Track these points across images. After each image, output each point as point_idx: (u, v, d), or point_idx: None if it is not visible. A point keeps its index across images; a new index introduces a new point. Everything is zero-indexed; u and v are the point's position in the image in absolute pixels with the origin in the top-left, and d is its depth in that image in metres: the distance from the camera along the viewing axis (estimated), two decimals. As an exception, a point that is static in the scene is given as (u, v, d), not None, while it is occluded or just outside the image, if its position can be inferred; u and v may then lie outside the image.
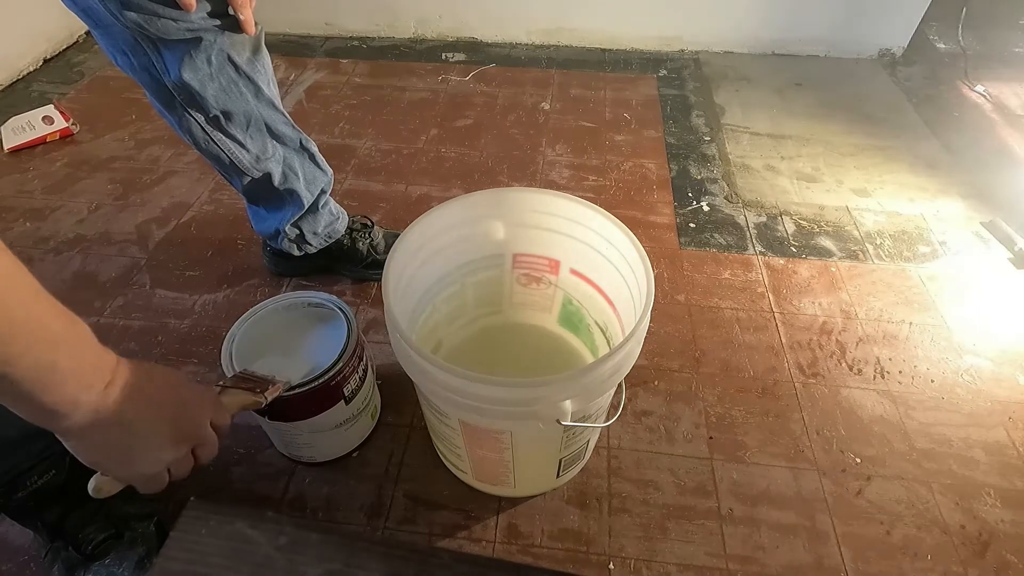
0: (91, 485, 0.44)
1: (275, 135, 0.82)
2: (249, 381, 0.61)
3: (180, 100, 0.72)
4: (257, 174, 0.83)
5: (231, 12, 0.67)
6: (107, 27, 0.65)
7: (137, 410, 0.39)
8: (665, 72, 1.68)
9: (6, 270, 0.32)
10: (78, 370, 0.35)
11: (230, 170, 0.82)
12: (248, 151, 0.80)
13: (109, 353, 0.38)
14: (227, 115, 0.75)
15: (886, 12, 1.63)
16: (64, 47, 1.71)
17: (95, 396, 0.36)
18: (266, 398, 0.60)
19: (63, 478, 0.64)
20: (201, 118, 0.74)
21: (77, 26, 1.76)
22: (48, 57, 1.66)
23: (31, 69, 1.62)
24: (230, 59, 0.71)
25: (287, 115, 0.83)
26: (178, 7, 0.63)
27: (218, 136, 0.77)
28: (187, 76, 0.69)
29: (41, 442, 0.61)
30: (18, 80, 1.57)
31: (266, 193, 0.87)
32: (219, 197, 1.21)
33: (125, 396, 0.38)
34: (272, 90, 0.79)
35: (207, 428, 0.47)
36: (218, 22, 0.67)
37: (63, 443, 0.39)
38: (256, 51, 0.75)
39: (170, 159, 1.31)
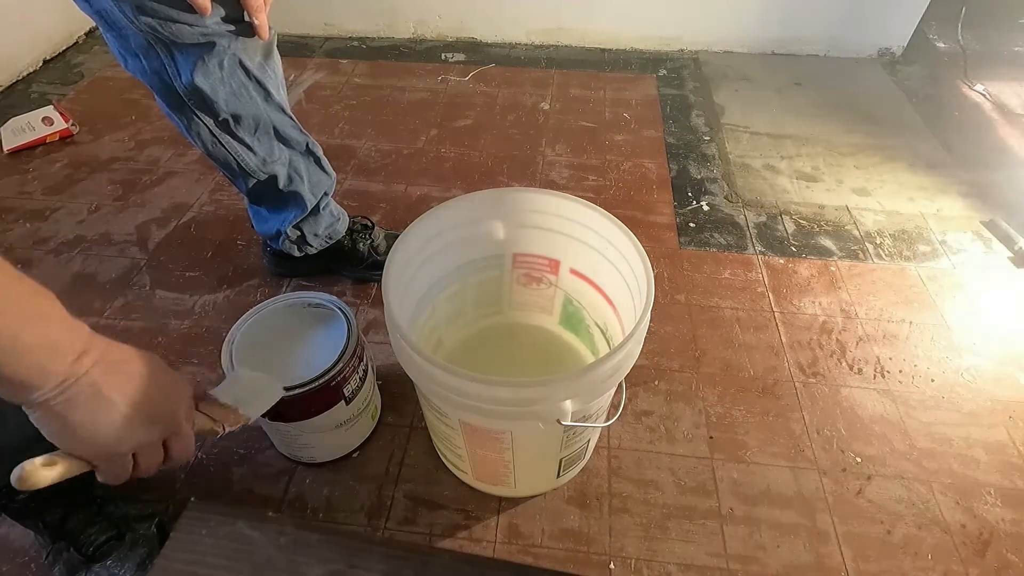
0: (15, 474, 0.39)
1: (282, 139, 0.82)
2: (213, 407, 0.55)
3: (190, 104, 0.72)
4: (263, 176, 0.83)
5: (246, 18, 0.68)
6: (120, 30, 0.65)
7: (109, 382, 0.38)
8: (665, 72, 1.68)
9: None
10: (43, 342, 0.35)
11: (236, 172, 0.82)
12: (255, 154, 0.80)
13: (81, 327, 0.37)
14: (236, 119, 0.75)
15: (886, 11, 1.63)
16: (64, 48, 1.71)
17: (64, 366, 0.36)
18: (223, 428, 0.54)
19: (66, 483, 0.64)
20: (210, 121, 0.74)
21: (77, 27, 1.76)
22: (48, 58, 1.66)
23: (31, 70, 1.62)
24: (241, 63, 0.72)
25: (295, 118, 0.83)
26: (193, 11, 0.63)
27: (226, 139, 0.77)
28: (199, 80, 0.69)
29: (44, 446, 0.61)
30: (18, 81, 1.57)
31: (270, 195, 0.88)
32: (219, 198, 1.21)
33: (98, 367, 0.37)
34: (281, 94, 0.80)
35: (182, 420, 0.45)
36: (232, 27, 0.67)
37: (29, 416, 0.37)
38: (268, 55, 0.75)
39: (170, 160, 1.31)
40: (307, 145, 0.86)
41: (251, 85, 0.74)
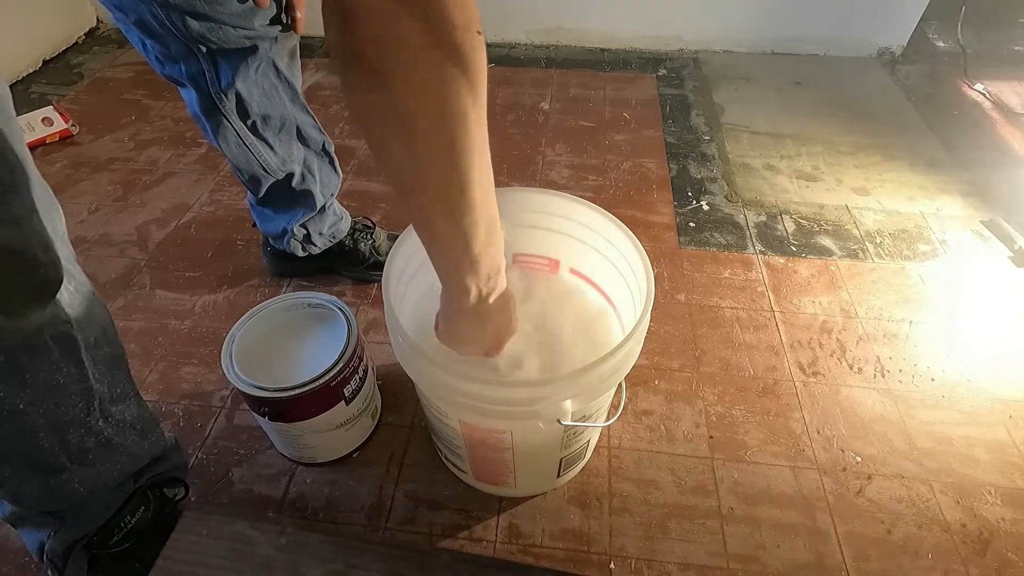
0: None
1: (302, 137, 0.84)
2: None
3: (224, 107, 0.73)
4: (281, 175, 0.84)
5: (284, 18, 0.70)
6: (161, 37, 0.66)
7: (481, 323, 0.53)
8: (664, 71, 1.68)
9: (492, 192, 0.43)
10: (500, 245, 0.48)
11: (255, 175, 0.83)
12: (276, 154, 0.81)
13: (502, 276, 0.50)
14: (265, 119, 0.77)
15: (885, 11, 1.63)
16: (63, 48, 1.71)
17: (474, 297, 0.49)
18: None
19: (151, 514, 0.64)
20: (240, 124, 0.76)
21: (76, 28, 1.76)
22: (47, 59, 1.66)
23: (30, 71, 1.62)
24: (274, 64, 0.74)
25: (315, 118, 0.85)
26: (240, 15, 0.65)
27: (251, 140, 0.78)
28: (239, 84, 0.71)
29: (129, 485, 0.62)
30: (18, 82, 1.57)
31: (280, 194, 0.88)
32: (219, 198, 1.21)
33: (484, 311, 0.51)
34: (303, 93, 0.82)
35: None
36: (274, 28, 0.70)
37: (450, 312, 0.53)
38: (292, 55, 0.77)
39: (169, 160, 1.31)
40: (323, 144, 0.88)
41: (281, 86, 0.77)
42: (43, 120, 1.35)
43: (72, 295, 0.48)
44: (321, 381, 0.66)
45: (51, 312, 0.46)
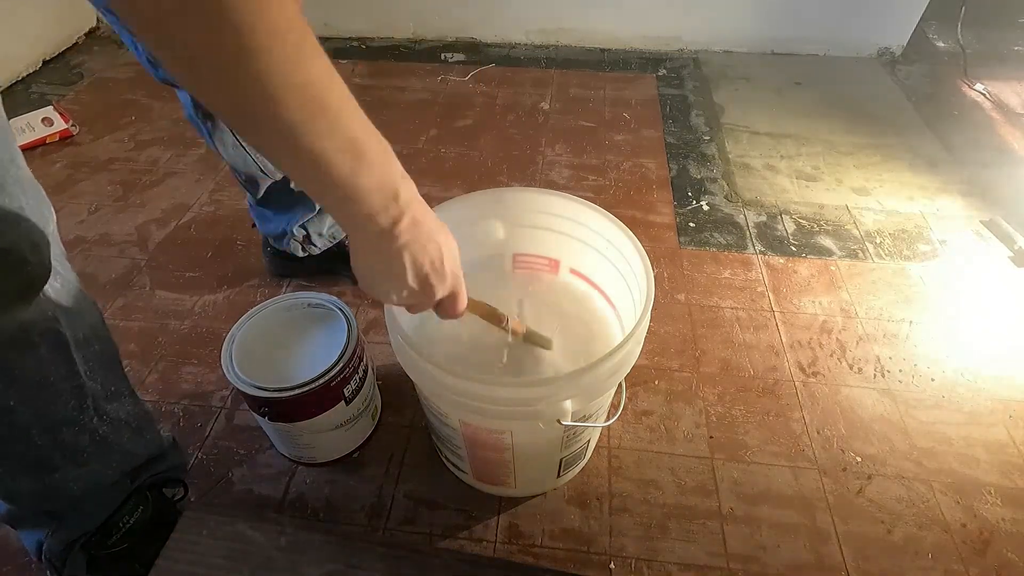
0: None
1: None
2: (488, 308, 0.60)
3: None
4: (279, 177, 0.84)
5: None
6: None
7: (392, 260, 0.41)
8: (664, 71, 1.68)
9: (347, 96, 0.35)
10: (392, 165, 0.40)
11: (253, 176, 0.83)
12: None
13: (409, 190, 0.41)
14: None
15: (885, 11, 1.63)
16: (63, 49, 1.71)
17: (373, 231, 0.39)
18: (507, 328, 0.61)
19: (150, 514, 0.64)
20: None
21: (76, 28, 1.76)
22: (47, 59, 1.66)
23: (30, 71, 1.62)
24: None
25: None
26: None
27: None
28: None
29: (126, 484, 0.62)
30: (17, 82, 1.57)
31: (279, 195, 0.88)
32: (219, 198, 1.21)
33: (403, 239, 0.40)
34: None
35: (435, 300, 0.47)
36: None
37: (360, 246, 0.41)
38: None
39: (169, 160, 1.31)
40: None
41: None
42: (43, 120, 1.35)
43: (59, 292, 0.48)
44: (321, 381, 0.66)
45: (37, 309, 0.46)
